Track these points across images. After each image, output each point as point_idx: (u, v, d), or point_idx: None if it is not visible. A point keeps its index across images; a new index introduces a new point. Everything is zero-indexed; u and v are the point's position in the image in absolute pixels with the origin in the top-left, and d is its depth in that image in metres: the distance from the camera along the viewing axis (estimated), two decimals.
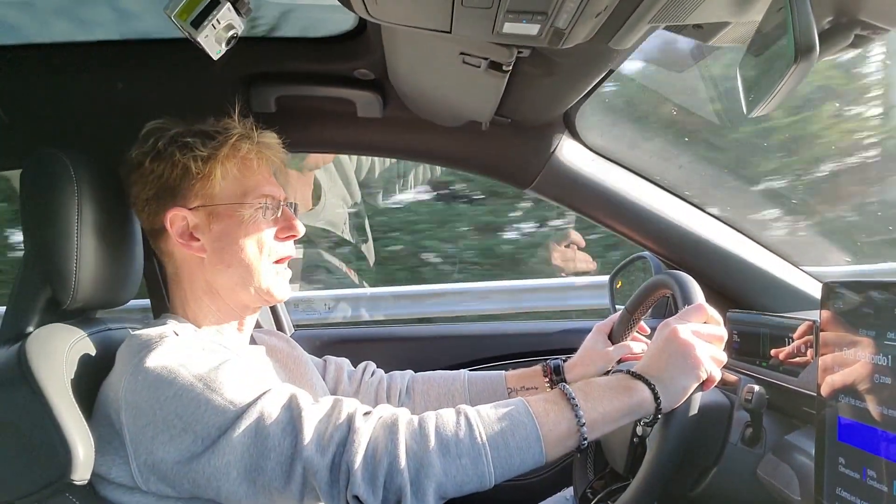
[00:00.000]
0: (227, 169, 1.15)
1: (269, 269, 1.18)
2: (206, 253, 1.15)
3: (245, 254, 1.15)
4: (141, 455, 0.97)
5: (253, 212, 1.16)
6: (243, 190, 1.16)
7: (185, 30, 0.98)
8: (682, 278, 1.13)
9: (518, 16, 0.87)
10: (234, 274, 1.15)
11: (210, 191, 1.14)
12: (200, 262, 1.16)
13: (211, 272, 1.16)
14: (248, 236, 1.15)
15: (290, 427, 0.93)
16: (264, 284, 1.17)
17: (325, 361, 1.46)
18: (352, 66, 1.42)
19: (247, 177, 1.17)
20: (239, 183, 1.16)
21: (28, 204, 1.15)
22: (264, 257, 1.17)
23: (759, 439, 1.16)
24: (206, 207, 1.15)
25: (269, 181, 1.20)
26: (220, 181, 1.14)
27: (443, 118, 1.58)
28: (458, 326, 2.53)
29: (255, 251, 1.16)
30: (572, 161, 1.61)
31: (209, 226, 1.15)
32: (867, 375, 0.86)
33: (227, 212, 1.15)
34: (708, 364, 1.01)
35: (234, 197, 1.15)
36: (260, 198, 1.17)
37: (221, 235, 1.15)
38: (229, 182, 1.15)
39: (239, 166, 1.16)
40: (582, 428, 0.95)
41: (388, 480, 0.89)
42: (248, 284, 1.16)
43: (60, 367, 1.04)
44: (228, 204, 1.15)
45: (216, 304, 1.18)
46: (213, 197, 1.15)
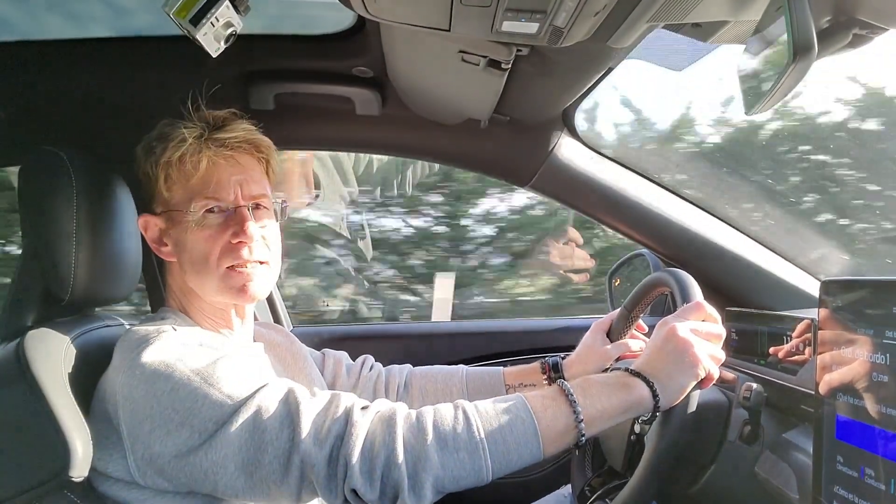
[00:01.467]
0: (171, 174, 1.12)
1: (222, 275, 1.12)
2: (174, 258, 1.16)
3: (195, 260, 1.13)
4: (138, 450, 0.97)
5: (200, 217, 1.12)
6: (189, 194, 1.12)
7: (183, 27, 0.97)
8: (681, 276, 1.13)
9: (517, 14, 0.87)
10: (195, 277, 1.14)
11: (165, 196, 1.14)
12: (175, 265, 1.17)
13: (184, 274, 1.16)
14: (195, 243, 1.12)
15: (288, 421, 0.93)
16: (218, 289, 1.13)
17: (323, 355, 1.46)
18: (350, 64, 1.42)
19: (190, 180, 1.12)
20: (184, 187, 1.13)
21: (26, 201, 1.15)
22: (213, 263, 1.12)
23: (758, 437, 1.16)
24: (165, 213, 1.15)
25: (216, 182, 1.13)
26: (167, 187, 1.13)
27: (441, 116, 1.58)
28: (457, 323, 2.54)
29: (201, 258, 1.12)
30: (571, 159, 1.61)
31: (168, 231, 1.15)
32: (865, 374, 0.86)
33: (178, 217, 1.13)
34: (706, 362, 1.01)
35: (181, 203, 1.13)
36: (203, 201, 1.12)
37: (178, 241, 1.14)
38: (178, 187, 1.13)
39: (178, 170, 1.12)
40: (580, 424, 0.95)
41: (386, 474, 0.89)
42: (208, 288, 1.14)
43: (58, 364, 1.04)
44: (177, 210, 1.13)
45: (199, 302, 1.18)
46: (167, 203, 1.14)
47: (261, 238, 1.15)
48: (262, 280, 1.16)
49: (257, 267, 1.14)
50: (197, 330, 1.13)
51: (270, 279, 1.18)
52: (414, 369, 1.46)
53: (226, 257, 1.12)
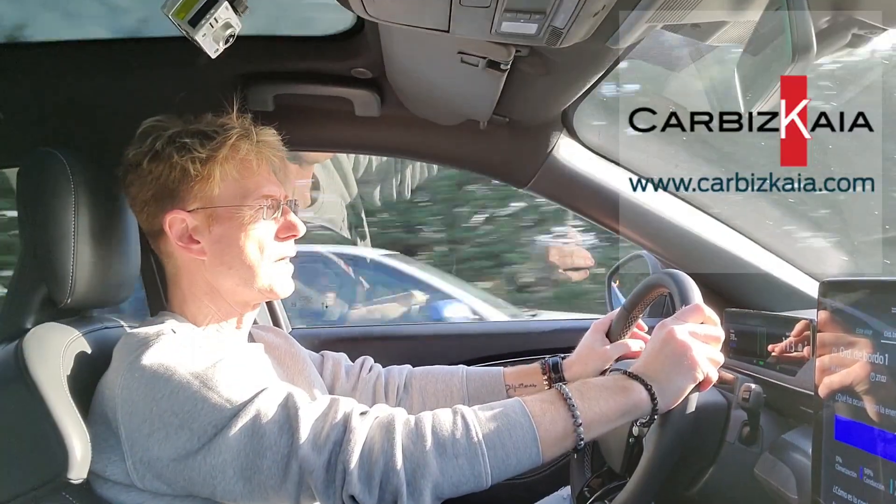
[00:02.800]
0: (226, 171, 1.13)
1: (270, 268, 1.17)
2: (206, 255, 1.14)
3: (246, 255, 1.14)
4: (137, 453, 0.97)
5: (253, 213, 1.14)
6: (243, 191, 1.14)
7: (182, 28, 0.98)
8: (680, 278, 1.13)
9: (516, 15, 0.87)
10: (235, 275, 1.15)
11: (209, 193, 1.13)
12: (200, 264, 1.15)
13: (212, 273, 1.15)
14: (248, 238, 1.14)
15: (287, 426, 0.93)
16: (266, 283, 1.16)
17: (322, 357, 1.46)
18: (349, 65, 1.42)
19: (246, 178, 1.15)
20: (238, 184, 1.14)
21: (25, 203, 1.14)
22: (265, 258, 1.16)
23: (757, 438, 1.15)
24: (206, 210, 1.13)
25: (269, 180, 1.18)
26: (218, 183, 1.12)
27: (441, 117, 1.57)
28: (457, 325, 2.54)
29: (256, 252, 1.15)
30: (570, 160, 1.61)
31: (209, 228, 1.14)
32: (864, 375, 0.86)
33: (226, 214, 1.13)
34: (704, 365, 1.00)
35: (233, 199, 1.14)
36: (260, 199, 1.15)
37: (221, 238, 1.14)
38: (228, 184, 1.14)
39: (238, 167, 1.14)
40: (578, 428, 0.95)
41: (385, 480, 0.89)
42: (249, 284, 1.15)
43: (57, 366, 1.04)
44: (228, 206, 1.14)
45: (216, 303, 1.17)
46: (213, 199, 1.13)
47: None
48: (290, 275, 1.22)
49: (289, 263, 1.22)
50: (196, 332, 1.13)
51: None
52: (413, 370, 1.45)
53: (276, 252, 1.18)
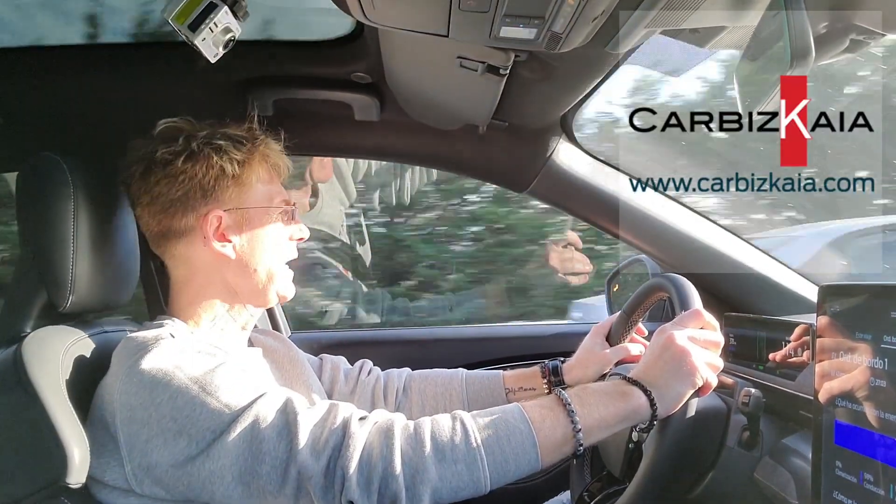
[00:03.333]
0: (260, 174, 1.18)
1: (284, 271, 1.22)
2: (234, 255, 1.16)
3: (269, 257, 1.18)
4: (135, 458, 0.96)
5: (277, 216, 1.20)
6: (269, 195, 1.20)
7: (182, 33, 0.98)
8: (680, 282, 1.13)
9: (515, 20, 0.87)
10: (256, 276, 1.17)
11: (243, 194, 1.17)
12: (224, 265, 1.16)
13: (234, 273, 1.16)
14: (271, 241, 1.19)
15: (286, 431, 0.92)
16: (282, 286, 1.21)
17: (321, 360, 1.46)
18: (349, 70, 1.42)
19: (272, 182, 1.21)
20: (266, 188, 1.20)
21: (25, 207, 1.14)
22: (282, 260, 1.21)
23: (757, 443, 1.15)
24: (239, 210, 1.16)
25: (281, 186, 1.24)
26: (253, 185, 1.17)
27: (440, 122, 1.58)
28: (456, 329, 2.53)
29: (276, 255, 1.20)
30: (569, 164, 1.61)
31: (241, 228, 1.16)
32: (864, 380, 0.86)
33: (256, 215, 1.17)
34: (704, 370, 1.00)
35: (262, 201, 1.19)
36: (281, 203, 1.21)
37: (251, 239, 1.17)
38: (258, 187, 1.19)
39: (267, 171, 1.20)
40: (578, 434, 0.94)
41: (383, 486, 0.89)
42: (268, 286, 1.19)
43: (56, 370, 1.04)
44: (258, 208, 1.18)
45: (230, 303, 1.19)
46: (245, 200, 1.17)
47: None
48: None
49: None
50: (196, 337, 1.13)
51: None
52: (413, 373, 1.45)
53: (288, 253, 1.23)
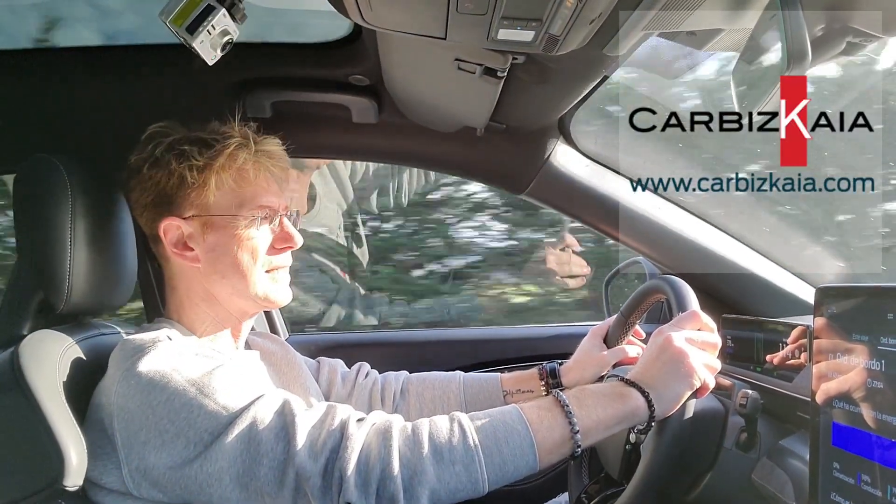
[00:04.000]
0: (223, 179, 1.13)
1: (264, 278, 1.17)
2: (199, 263, 1.15)
3: (238, 264, 1.14)
4: (133, 460, 0.96)
5: (247, 223, 1.14)
6: (239, 201, 1.14)
7: (180, 35, 0.97)
8: (677, 284, 1.13)
9: (513, 22, 0.88)
10: (228, 283, 1.15)
11: (205, 201, 1.13)
12: (196, 271, 1.15)
13: (207, 281, 1.15)
14: (241, 248, 1.14)
15: (283, 433, 0.92)
16: (261, 293, 1.16)
17: (318, 363, 1.46)
18: (347, 72, 1.42)
19: (243, 187, 1.15)
20: (234, 193, 1.14)
21: (22, 209, 1.14)
22: (258, 268, 1.16)
23: (754, 444, 1.16)
24: (201, 217, 1.14)
25: (266, 191, 1.18)
26: (214, 191, 1.13)
27: (438, 124, 1.58)
28: (454, 331, 2.53)
29: (249, 262, 1.14)
30: (567, 166, 1.61)
31: (203, 236, 1.14)
32: (861, 381, 0.86)
33: (221, 222, 1.14)
34: (701, 372, 1.01)
35: (229, 208, 1.14)
36: (256, 209, 1.15)
37: (215, 246, 1.14)
38: (225, 192, 1.14)
39: (235, 177, 1.14)
40: (576, 435, 0.95)
41: (381, 487, 0.89)
42: (243, 293, 1.16)
43: (53, 373, 1.04)
44: (223, 215, 1.14)
45: (213, 310, 1.18)
46: (208, 207, 1.14)
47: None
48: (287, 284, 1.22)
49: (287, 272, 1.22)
50: (192, 339, 1.13)
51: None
52: (410, 376, 1.45)
53: (270, 261, 1.18)
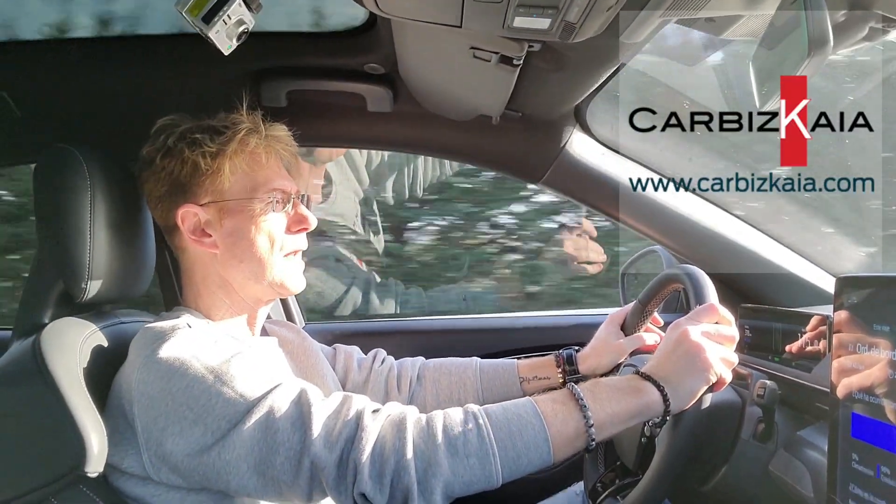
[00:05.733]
0: (236, 164, 1.15)
1: (281, 263, 1.18)
2: (218, 249, 1.16)
3: (256, 248, 1.16)
4: (152, 446, 0.98)
5: (263, 206, 1.16)
6: (253, 185, 1.16)
7: (196, 25, 0.98)
8: (696, 275, 1.12)
9: (529, 10, 0.87)
10: (246, 269, 1.16)
11: (220, 187, 1.15)
12: (213, 258, 1.17)
13: (224, 267, 1.17)
14: (258, 231, 1.15)
15: (300, 422, 0.93)
16: (277, 278, 1.18)
17: (334, 350, 1.47)
18: (362, 61, 1.42)
19: (256, 171, 1.17)
20: (248, 178, 1.16)
21: (41, 199, 1.16)
22: (276, 251, 1.17)
23: (772, 435, 1.15)
24: (217, 203, 1.15)
25: (279, 175, 1.20)
26: (228, 177, 1.14)
27: (453, 112, 1.57)
28: (470, 319, 2.53)
29: (266, 245, 1.16)
30: (583, 155, 1.60)
31: (220, 222, 1.16)
32: (881, 372, 0.85)
33: (237, 207, 1.15)
34: (718, 366, 0.99)
35: (243, 192, 1.16)
36: (270, 192, 1.17)
37: (233, 231, 1.15)
38: (238, 177, 1.16)
39: (248, 161, 1.16)
40: (590, 429, 0.94)
41: (396, 479, 0.89)
42: (260, 278, 1.17)
43: (74, 360, 1.05)
44: (238, 199, 1.15)
45: (230, 297, 1.19)
46: (223, 193, 1.15)
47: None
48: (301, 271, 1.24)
49: (301, 258, 1.23)
50: (212, 327, 1.14)
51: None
52: (426, 362, 1.45)
53: (286, 245, 1.19)
